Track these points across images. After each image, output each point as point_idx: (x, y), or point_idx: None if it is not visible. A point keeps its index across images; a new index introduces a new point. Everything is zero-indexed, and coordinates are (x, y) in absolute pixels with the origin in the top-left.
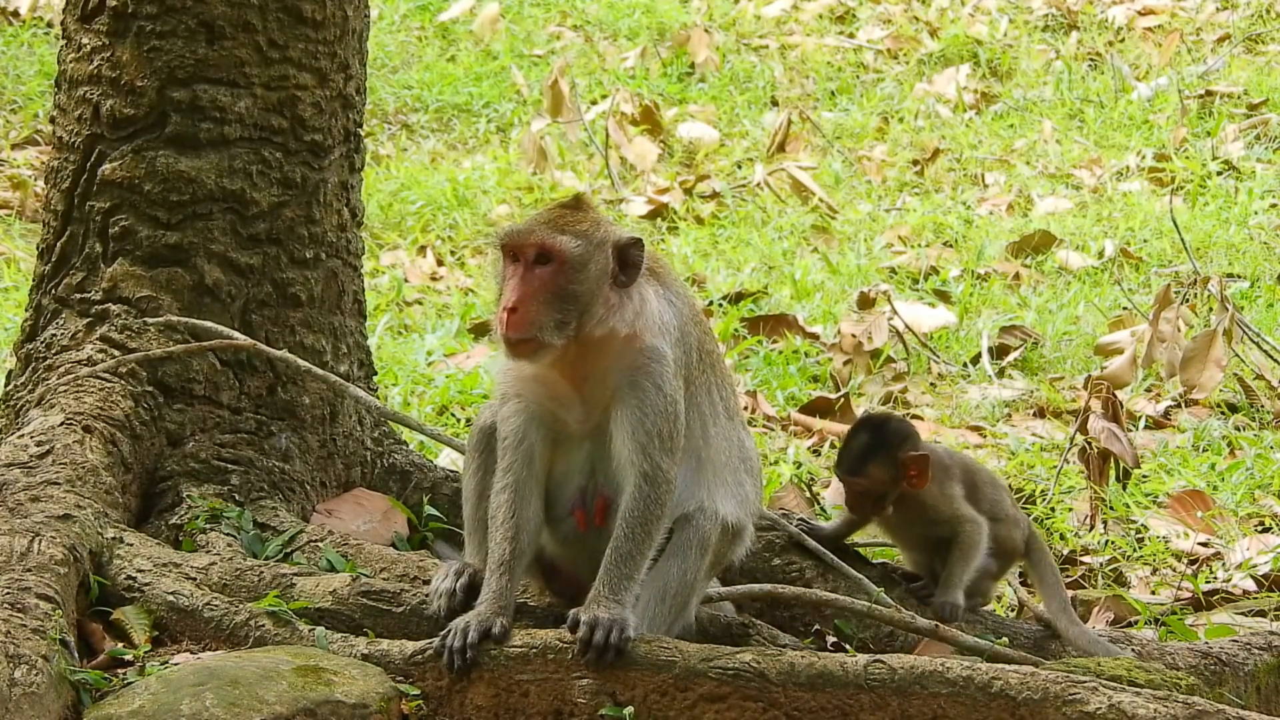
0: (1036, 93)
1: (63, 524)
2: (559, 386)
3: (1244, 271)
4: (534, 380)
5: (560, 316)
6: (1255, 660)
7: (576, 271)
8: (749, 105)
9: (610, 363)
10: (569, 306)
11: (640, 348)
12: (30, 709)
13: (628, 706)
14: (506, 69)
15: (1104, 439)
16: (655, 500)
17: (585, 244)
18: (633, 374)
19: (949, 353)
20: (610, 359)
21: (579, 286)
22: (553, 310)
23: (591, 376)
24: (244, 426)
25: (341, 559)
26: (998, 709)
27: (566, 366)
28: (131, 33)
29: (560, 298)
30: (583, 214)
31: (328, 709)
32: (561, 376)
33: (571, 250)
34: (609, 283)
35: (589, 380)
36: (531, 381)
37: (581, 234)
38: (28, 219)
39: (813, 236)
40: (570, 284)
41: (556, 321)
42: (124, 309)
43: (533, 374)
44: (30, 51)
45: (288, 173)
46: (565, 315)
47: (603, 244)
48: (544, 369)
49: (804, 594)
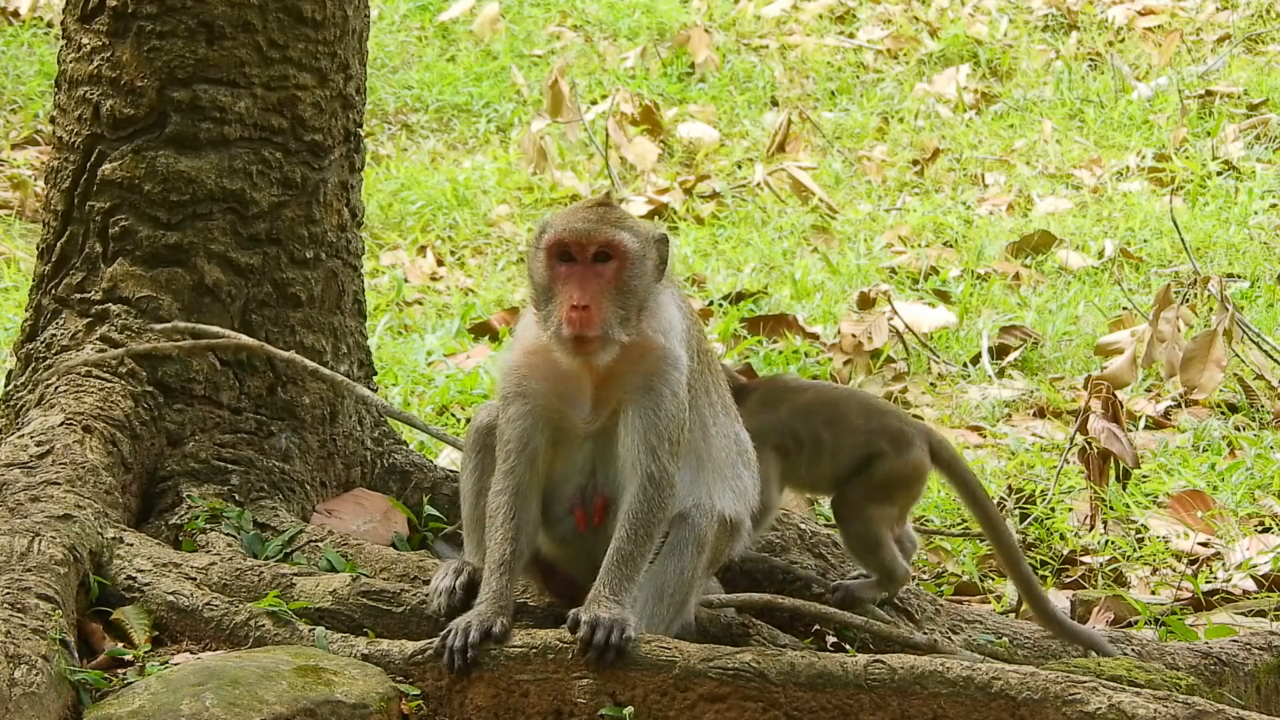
0: (1036, 93)
1: (63, 524)
2: (574, 385)
3: (1244, 271)
4: (545, 378)
5: (624, 313)
6: (1255, 660)
7: (636, 267)
8: (749, 105)
9: (631, 365)
10: (631, 302)
11: (661, 353)
12: (30, 709)
13: (628, 706)
14: (506, 69)
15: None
16: (659, 503)
17: (643, 240)
18: (650, 378)
19: (949, 353)
20: (629, 360)
21: (639, 282)
22: (618, 307)
23: (610, 376)
24: (244, 426)
25: (341, 559)
26: (998, 709)
27: (598, 366)
28: (131, 33)
29: (624, 294)
30: (622, 211)
31: (328, 709)
32: (586, 375)
33: (633, 246)
34: (653, 279)
35: (608, 381)
36: (541, 380)
37: (634, 229)
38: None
39: (813, 236)
40: (632, 279)
41: (621, 318)
42: (124, 309)
43: (545, 371)
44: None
45: (288, 173)
46: (628, 311)
47: (650, 239)
48: (574, 366)
49: (803, 606)
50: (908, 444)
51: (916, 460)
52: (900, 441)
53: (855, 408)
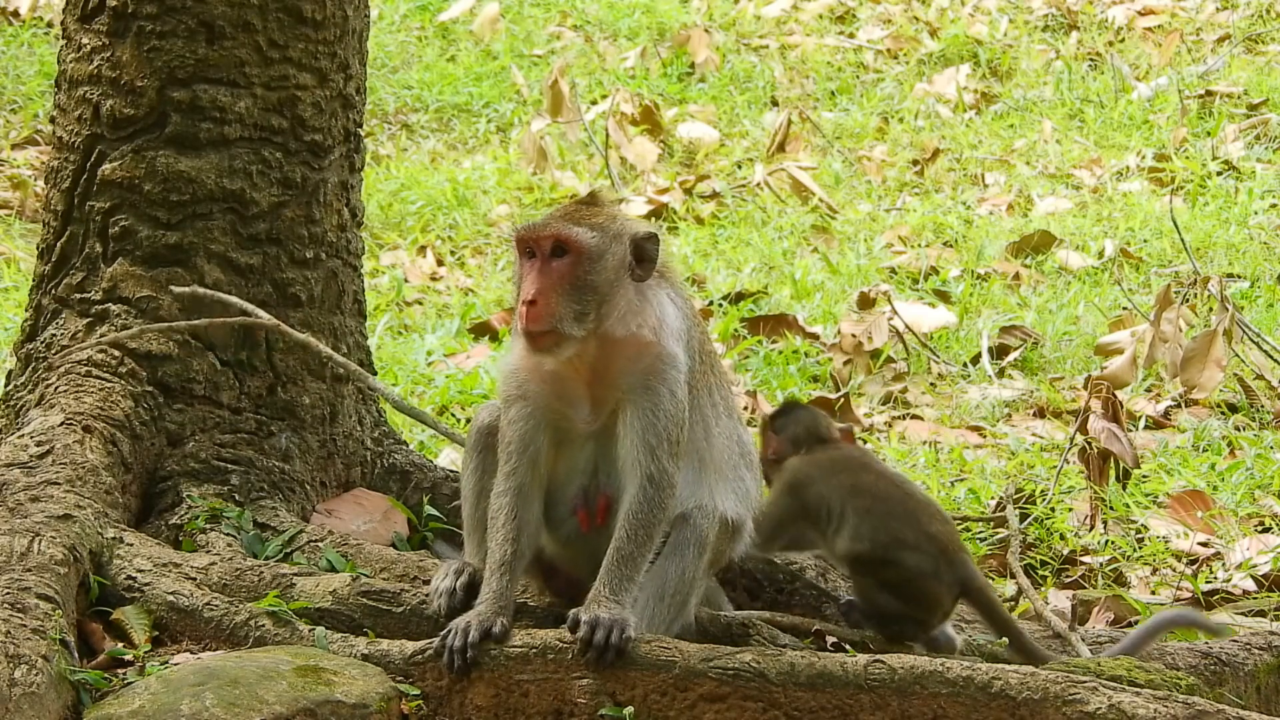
0: (1036, 93)
1: (63, 524)
2: (570, 385)
3: (1244, 271)
4: (543, 379)
5: (579, 308)
6: (1255, 660)
7: (594, 262)
8: (749, 105)
9: (627, 365)
10: (587, 298)
11: (658, 352)
12: (30, 709)
13: (628, 706)
14: (506, 69)
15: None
16: (658, 503)
17: (601, 235)
18: (647, 377)
19: (949, 353)
20: (628, 361)
21: (596, 277)
22: (571, 301)
23: (607, 377)
24: (244, 426)
25: (341, 559)
26: (998, 709)
27: (584, 365)
28: (131, 33)
29: (578, 289)
30: (598, 208)
31: (328, 709)
32: (576, 375)
33: (588, 241)
34: (627, 276)
35: (603, 381)
36: (540, 381)
37: (597, 226)
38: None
39: (813, 236)
40: (588, 275)
41: (576, 313)
42: (124, 309)
43: (543, 373)
44: (30, 51)
45: (288, 173)
46: (584, 306)
47: (619, 236)
48: (561, 366)
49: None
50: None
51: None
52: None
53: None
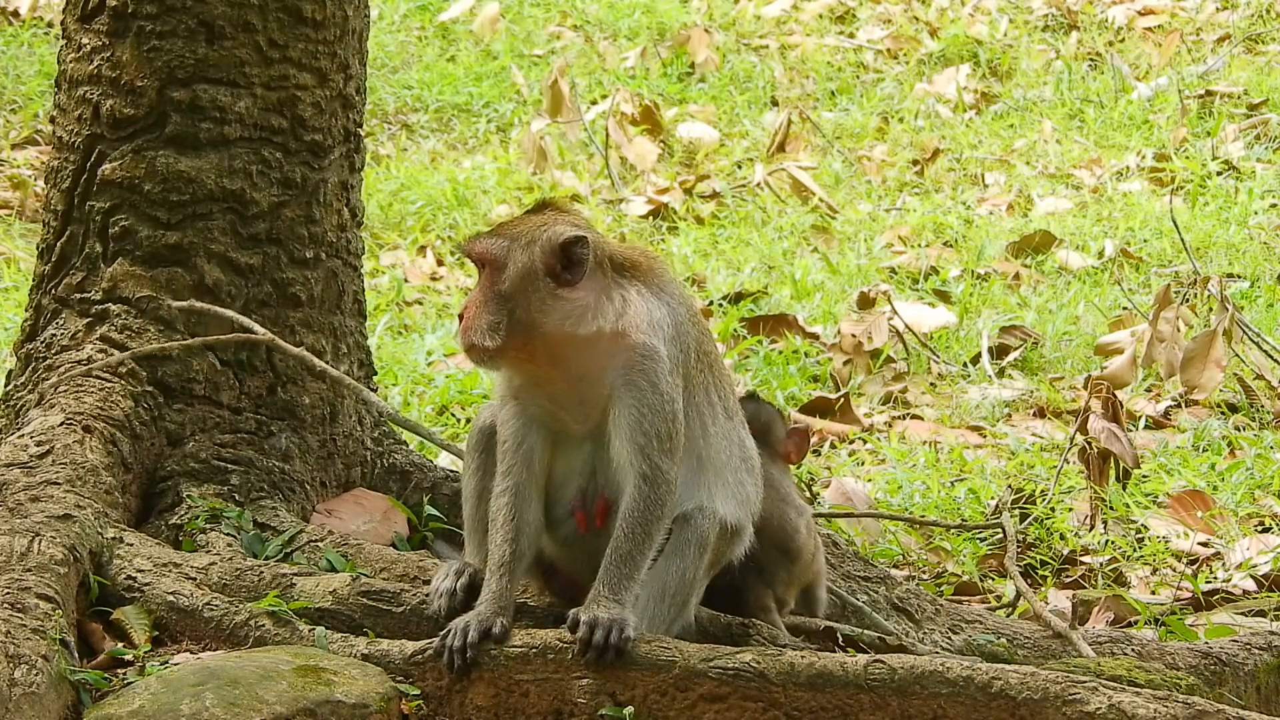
0: (1036, 93)
1: (63, 524)
2: (554, 387)
3: (1244, 271)
4: (530, 382)
5: (492, 318)
6: (1255, 660)
7: (501, 272)
8: (749, 105)
9: (603, 362)
10: (500, 308)
11: (632, 345)
12: (30, 709)
13: (628, 706)
14: (506, 69)
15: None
16: (655, 501)
17: (509, 244)
18: (627, 372)
19: (949, 353)
20: (602, 358)
21: (505, 286)
22: (486, 313)
23: (586, 376)
24: (244, 426)
25: (341, 559)
26: (998, 709)
27: (548, 366)
28: (131, 33)
29: (493, 299)
30: (537, 216)
31: (328, 709)
32: (549, 376)
33: (495, 251)
34: (547, 282)
35: (584, 380)
36: (528, 383)
37: (510, 235)
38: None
39: (813, 236)
40: (497, 285)
41: (489, 324)
42: (124, 309)
43: (525, 376)
44: (30, 51)
45: (288, 173)
46: (496, 316)
47: (531, 243)
48: (534, 369)
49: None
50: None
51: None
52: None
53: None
